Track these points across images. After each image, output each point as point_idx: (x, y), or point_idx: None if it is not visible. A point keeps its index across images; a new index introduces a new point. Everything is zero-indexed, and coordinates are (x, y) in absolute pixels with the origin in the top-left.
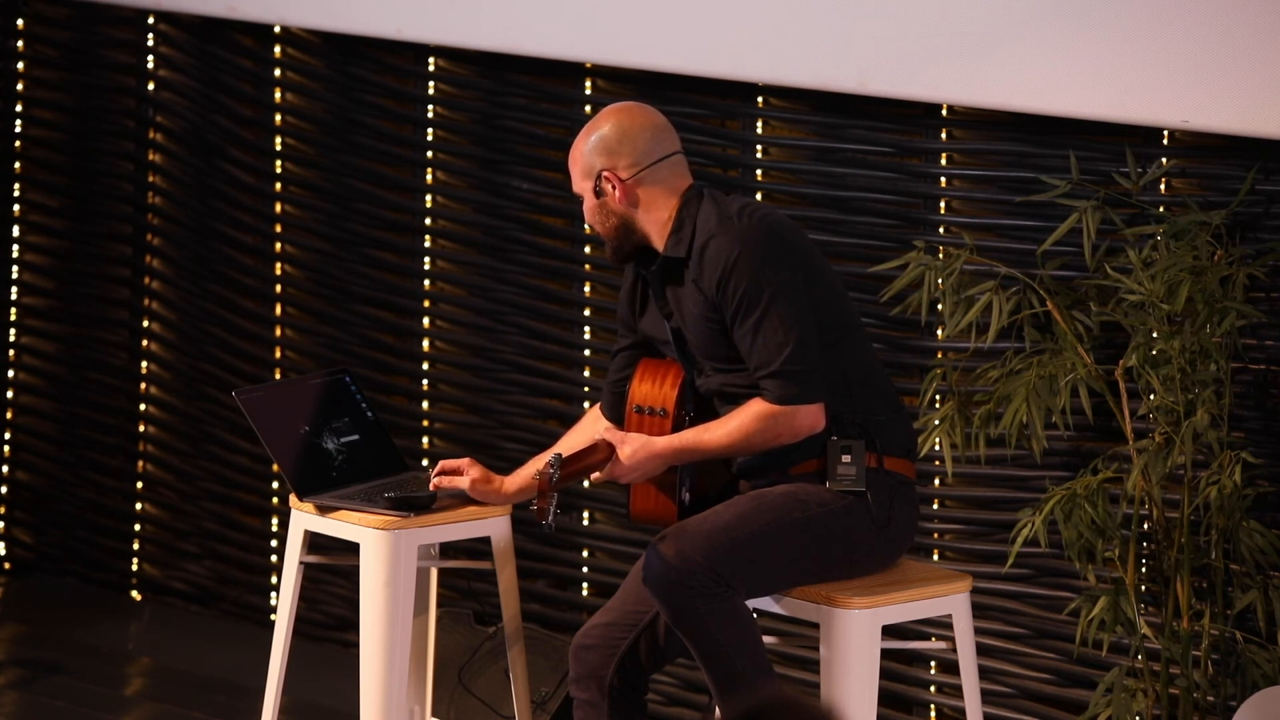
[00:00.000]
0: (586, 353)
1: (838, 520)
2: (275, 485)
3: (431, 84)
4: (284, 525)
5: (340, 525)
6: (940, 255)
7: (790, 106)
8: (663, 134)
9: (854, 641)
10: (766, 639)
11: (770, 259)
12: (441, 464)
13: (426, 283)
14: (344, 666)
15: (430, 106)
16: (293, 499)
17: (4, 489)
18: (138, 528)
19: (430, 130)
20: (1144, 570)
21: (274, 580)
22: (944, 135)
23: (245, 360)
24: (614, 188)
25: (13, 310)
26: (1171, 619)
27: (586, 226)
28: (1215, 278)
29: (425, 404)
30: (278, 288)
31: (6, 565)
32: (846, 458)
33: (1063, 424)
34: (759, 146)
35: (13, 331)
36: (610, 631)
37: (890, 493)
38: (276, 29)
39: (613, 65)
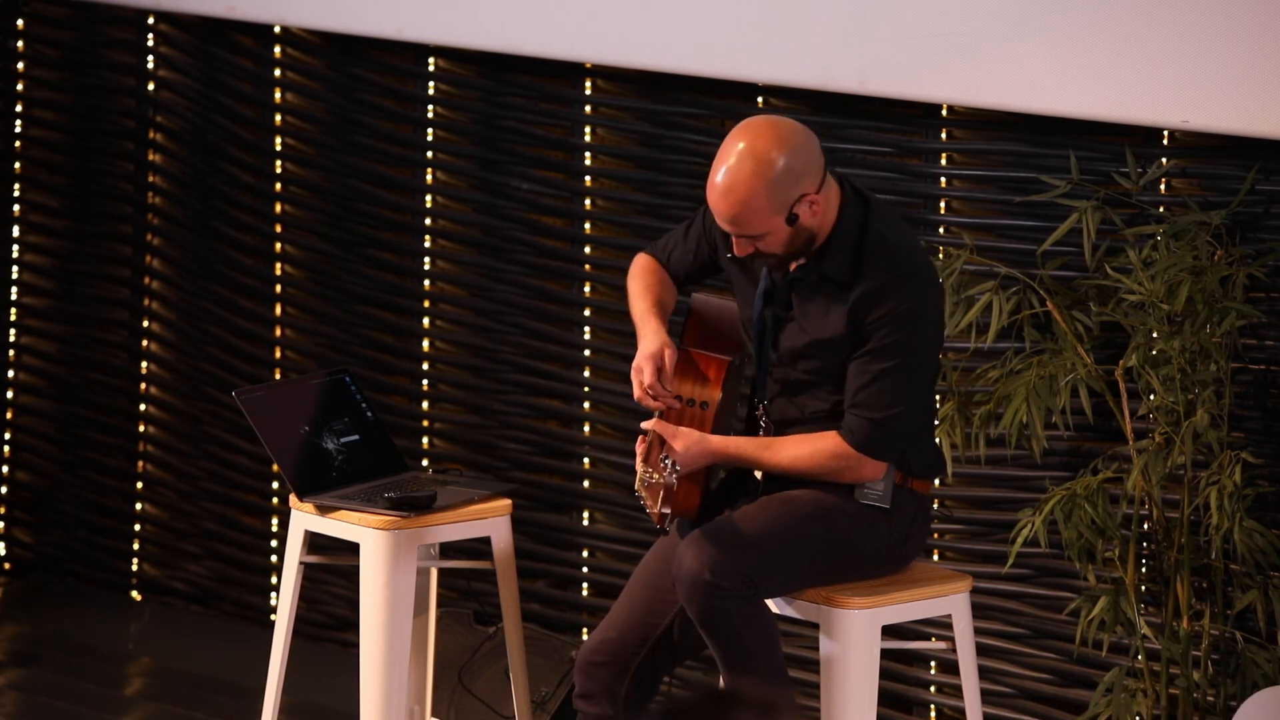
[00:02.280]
0: (586, 353)
1: (860, 532)
2: (275, 485)
3: (431, 84)
4: (284, 525)
5: (340, 525)
6: (940, 255)
7: (790, 106)
8: (813, 135)
9: (854, 641)
10: None
11: (929, 323)
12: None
13: (426, 283)
14: (344, 666)
15: (430, 106)
16: (293, 499)
17: (4, 489)
18: (138, 528)
19: (430, 130)
20: (1144, 570)
21: (274, 580)
22: (944, 135)
23: (245, 360)
24: (812, 206)
25: (13, 310)
26: (1171, 619)
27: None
28: (1215, 278)
29: (425, 404)
30: (278, 288)
31: (6, 565)
32: None
33: (1063, 424)
34: None
35: (13, 331)
36: (622, 646)
37: (913, 510)
38: (276, 29)
39: (613, 65)
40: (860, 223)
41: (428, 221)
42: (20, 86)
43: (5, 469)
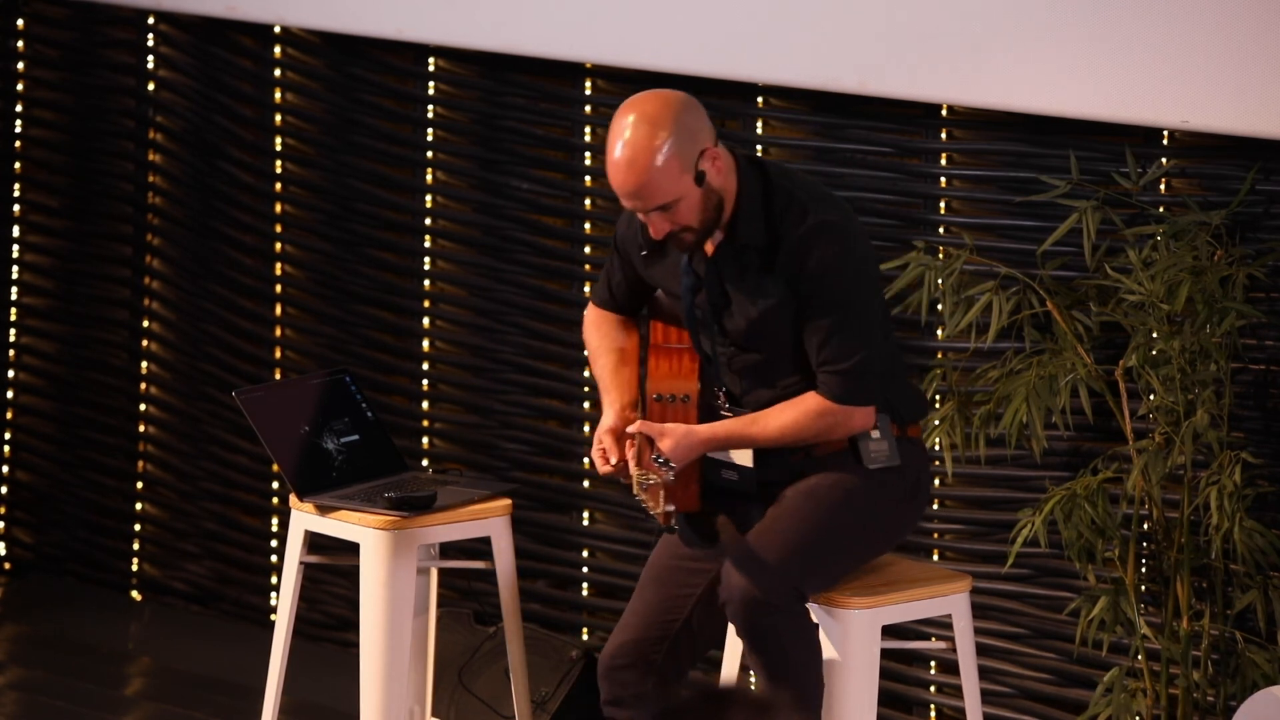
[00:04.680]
0: (586, 353)
1: (877, 502)
2: (275, 485)
3: (431, 84)
4: (284, 525)
5: (340, 525)
6: (940, 255)
7: (790, 106)
8: (696, 100)
9: (854, 641)
10: None
11: (865, 263)
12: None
13: (426, 283)
14: (344, 666)
15: (430, 106)
16: (293, 499)
17: (4, 489)
18: (138, 528)
19: (430, 130)
20: (1144, 570)
21: (274, 580)
22: (944, 135)
23: (245, 360)
24: (714, 161)
25: (13, 310)
26: (1171, 619)
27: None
28: (1215, 278)
29: (425, 404)
30: (278, 288)
31: (6, 565)
32: (875, 433)
33: (1063, 424)
34: (759, 146)
35: (13, 331)
36: (642, 647)
37: (916, 458)
38: (276, 29)
39: (613, 65)
40: (762, 183)
41: (428, 221)
42: (20, 86)
43: (5, 469)
